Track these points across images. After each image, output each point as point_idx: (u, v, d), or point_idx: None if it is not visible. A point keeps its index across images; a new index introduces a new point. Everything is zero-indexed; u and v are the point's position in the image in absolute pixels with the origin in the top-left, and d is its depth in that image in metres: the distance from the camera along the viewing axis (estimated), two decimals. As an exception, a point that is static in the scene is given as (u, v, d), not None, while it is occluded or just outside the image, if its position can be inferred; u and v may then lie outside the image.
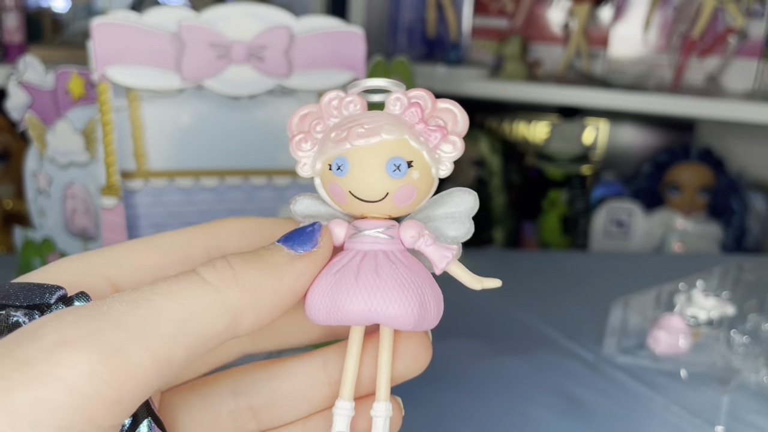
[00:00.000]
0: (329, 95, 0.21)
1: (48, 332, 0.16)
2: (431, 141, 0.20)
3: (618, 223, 0.97)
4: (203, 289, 0.17)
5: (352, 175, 0.20)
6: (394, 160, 0.20)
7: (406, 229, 0.21)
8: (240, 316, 0.18)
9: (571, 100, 0.90)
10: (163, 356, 0.16)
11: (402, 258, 0.21)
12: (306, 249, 0.19)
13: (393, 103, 0.20)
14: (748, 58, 0.89)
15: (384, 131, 0.19)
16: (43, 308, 0.18)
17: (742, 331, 0.51)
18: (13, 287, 0.19)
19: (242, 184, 0.54)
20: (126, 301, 0.17)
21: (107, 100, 0.47)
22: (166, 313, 0.17)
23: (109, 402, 0.16)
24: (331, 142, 0.20)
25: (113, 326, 0.16)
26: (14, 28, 0.82)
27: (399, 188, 0.20)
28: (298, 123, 0.21)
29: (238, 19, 0.48)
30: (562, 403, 0.47)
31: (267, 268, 0.19)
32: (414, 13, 1.02)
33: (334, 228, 0.21)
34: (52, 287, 0.19)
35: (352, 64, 0.52)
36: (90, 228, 0.56)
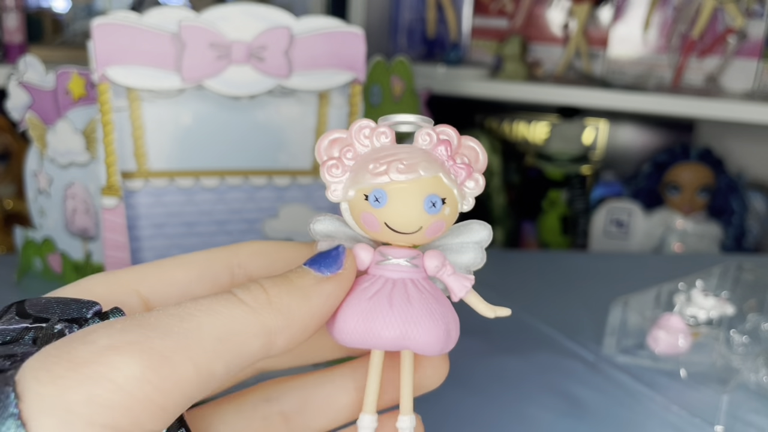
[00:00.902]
0: (360, 123, 0.22)
1: (99, 337, 0.16)
2: (458, 178, 0.22)
3: (618, 223, 0.97)
4: (241, 309, 0.18)
5: (389, 207, 0.21)
6: (431, 197, 0.21)
7: (431, 259, 0.22)
8: (274, 336, 0.19)
9: (571, 100, 0.90)
10: (205, 369, 0.17)
11: (428, 287, 0.22)
12: (332, 271, 0.20)
13: (423, 137, 0.21)
14: (748, 58, 0.89)
15: (422, 168, 0.20)
16: (80, 322, 0.19)
17: (741, 331, 0.51)
18: (49, 302, 0.19)
19: (242, 184, 0.54)
20: (170, 315, 0.17)
21: (107, 101, 0.47)
22: (208, 329, 0.17)
23: (156, 407, 0.16)
24: (369, 174, 0.21)
25: (160, 335, 0.17)
26: (15, 28, 0.82)
27: (432, 223, 0.21)
28: (328, 147, 0.22)
29: (238, 19, 0.48)
30: (562, 403, 0.47)
31: (297, 291, 0.19)
32: (414, 14, 1.02)
33: (360, 252, 0.22)
34: (88, 302, 0.20)
35: (352, 64, 0.52)
36: (90, 228, 0.57)
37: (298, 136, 0.54)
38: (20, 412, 0.15)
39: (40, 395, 0.15)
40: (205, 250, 0.23)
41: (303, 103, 0.53)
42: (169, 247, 0.53)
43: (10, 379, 0.15)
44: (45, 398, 0.15)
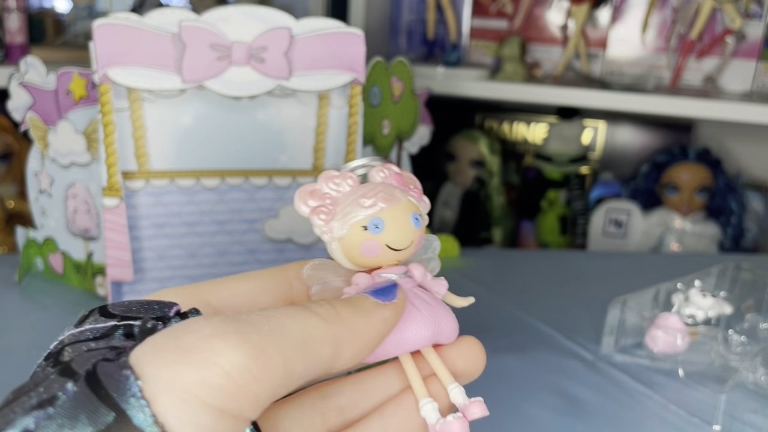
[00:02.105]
0: (326, 175, 0.25)
1: (203, 327, 0.18)
2: (416, 199, 0.25)
3: (616, 223, 0.97)
4: (316, 319, 0.20)
5: (388, 230, 0.24)
6: (414, 214, 0.25)
7: (416, 269, 0.26)
8: (341, 348, 0.21)
9: (570, 101, 0.90)
10: (289, 366, 0.19)
11: (424, 292, 0.26)
12: (388, 300, 0.23)
13: (379, 174, 0.25)
14: (746, 58, 0.89)
15: (398, 194, 0.25)
16: (165, 320, 0.20)
17: (739, 331, 0.51)
18: (132, 303, 0.21)
19: (243, 184, 0.54)
20: (259, 314, 0.19)
21: (108, 101, 0.47)
22: (291, 331, 0.19)
23: (252, 395, 0.17)
24: (362, 208, 0.24)
25: (255, 329, 0.18)
26: (16, 29, 0.82)
27: (418, 236, 0.25)
28: (305, 201, 0.25)
29: (238, 20, 0.48)
30: (560, 402, 0.47)
31: (361, 311, 0.22)
32: (414, 15, 1.02)
33: (360, 277, 0.25)
34: (169, 303, 0.21)
35: (351, 65, 0.52)
36: (91, 228, 0.57)
37: (299, 136, 0.54)
38: (142, 391, 0.16)
39: (159, 377, 0.17)
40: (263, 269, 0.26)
41: (303, 104, 0.54)
42: (169, 247, 0.53)
43: (124, 364, 0.17)
44: (163, 380, 0.17)
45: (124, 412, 0.16)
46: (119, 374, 0.17)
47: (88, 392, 0.16)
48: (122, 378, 0.17)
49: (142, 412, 0.16)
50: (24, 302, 0.58)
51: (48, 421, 0.16)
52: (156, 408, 0.16)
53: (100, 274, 0.58)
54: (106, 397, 0.16)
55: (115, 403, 0.16)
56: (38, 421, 0.16)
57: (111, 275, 0.51)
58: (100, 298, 0.58)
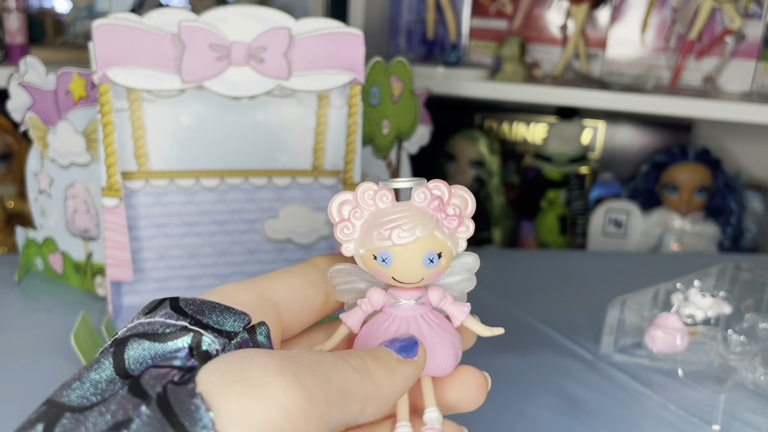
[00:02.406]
0: (363, 187, 0.25)
1: (267, 362, 0.18)
2: (451, 227, 0.25)
3: (616, 223, 0.97)
4: (352, 372, 0.21)
5: (395, 266, 0.24)
6: (429, 255, 0.24)
7: (433, 293, 0.26)
8: (366, 404, 0.21)
9: (570, 101, 0.90)
10: (330, 415, 0.19)
11: (435, 318, 0.26)
12: (410, 357, 0.23)
13: (419, 195, 0.25)
14: (746, 59, 0.89)
15: (418, 230, 0.24)
16: (232, 336, 0.21)
17: (738, 331, 0.51)
18: (205, 305, 0.22)
19: (242, 184, 0.54)
20: (308, 358, 0.20)
21: (108, 101, 0.47)
22: (334, 380, 0.20)
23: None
24: (376, 239, 0.24)
25: (308, 373, 0.19)
26: (16, 29, 0.82)
27: (431, 274, 0.25)
28: (338, 211, 0.25)
29: (238, 20, 0.48)
30: (560, 402, 0.47)
31: (386, 368, 0.22)
32: (413, 15, 1.02)
33: (374, 294, 0.26)
34: (240, 314, 0.22)
35: (351, 65, 0.52)
36: (91, 228, 0.57)
37: (298, 136, 0.54)
38: (213, 423, 0.17)
39: (228, 410, 0.17)
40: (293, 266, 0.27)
41: (302, 104, 0.54)
42: (169, 247, 0.53)
43: (193, 391, 0.17)
44: (233, 414, 0.17)
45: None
46: (189, 402, 0.17)
47: (161, 418, 0.17)
48: (193, 407, 0.17)
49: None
50: (24, 302, 0.58)
51: None
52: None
53: (99, 274, 0.58)
54: (179, 425, 0.17)
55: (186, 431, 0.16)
56: None
57: (111, 275, 0.51)
58: (99, 299, 0.58)
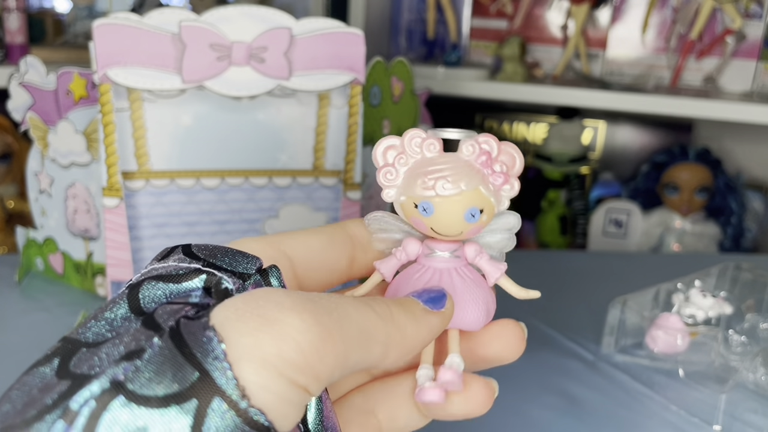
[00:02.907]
0: (412, 133, 0.25)
1: (284, 299, 0.18)
2: (496, 184, 0.24)
3: (616, 223, 0.97)
4: (374, 315, 0.21)
5: (435, 217, 0.24)
6: (471, 210, 0.24)
7: (470, 248, 0.26)
8: (390, 348, 0.21)
9: (570, 101, 0.90)
10: (348, 354, 0.19)
11: (469, 273, 0.26)
12: (437, 308, 0.23)
13: (467, 148, 0.24)
14: (746, 59, 0.89)
15: (463, 183, 0.24)
16: (245, 277, 0.21)
17: (739, 331, 0.51)
18: (218, 249, 0.22)
19: (243, 184, 0.54)
20: (327, 299, 0.20)
21: (108, 101, 0.47)
22: (354, 321, 0.20)
23: (316, 373, 0.18)
24: (419, 188, 0.24)
25: (326, 312, 0.19)
26: (16, 29, 0.82)
27: (471, 229, 0.25)
28: (383, 155, 0.25)
29: (238, 20, 0.48)
30: (561, 402, 0.47)
31: (411, 315, 0.22)
32: (413, 15, 1.02)
33: (410, 244, 0.26)
34: (252, 257, 0.22)
35: (351, 65, 0.52)
36: (91, 228, 0.57)
37: (298, 136, 0.54)
38: (225, 354, 0.17)
39: (241, 343, 0.17)
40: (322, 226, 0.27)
41: (303, 104, 0.54)
42: (169, 247, 0.53)
43: (206, 324, 0.17)
44: (245, 346, 0.17)
45: (208, 373, 0.16)
46: (202, 334, 0.17)
47: (174, 349, 0.17)
48: (206, 339, 0.17)
49: (224, 374, 0.17)
50: (24, 302, 0.58)
51: (136, 373, 0.16)
52: (237, 372, 0.17)
53: (100, 274, 0.58)
54: (191, 356, 0.17)
55: (199, 362, 0.17)
56: (126, 372, 0.16)
57: (111, 275, 0.51)
58: (100, 298, 0.58)
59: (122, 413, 0.16)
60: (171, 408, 0.16)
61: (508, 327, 0.26)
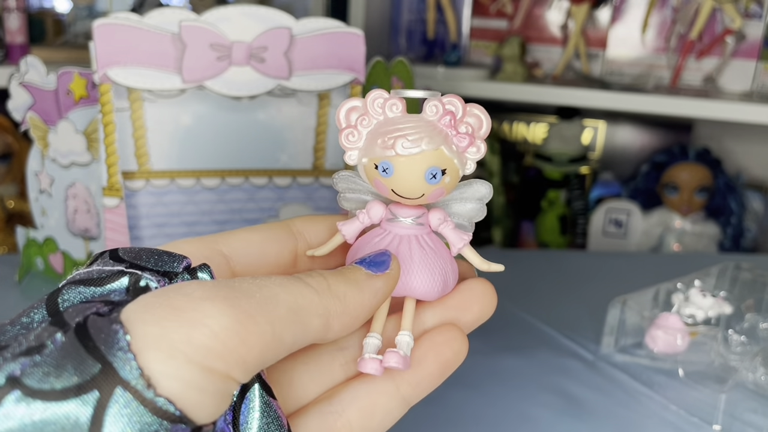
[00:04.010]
0: (374, 93, 0.24)
1: (194, 290, 0.18)
2: (460, 146, 0.24)
3: (616, 223, 0.97)
4: (307, 290, 0.20)
5: (395, 177, 0.23)
6: (432, 170, 0.23)
7: (434, 214, 0.25)
8: (332, 319, 0.21)
9: (570, 101, 0.90)
10: (278, 334, 0.19)
11: (429, 242, 0.25)
12: (381, 271, 0.23)
13: (430, 108, 0.23)
14: (746, 59, 0.89)
15: (424, 142, 0.23)
16: (171, 276, 0.21)
17: (739, 331, 0.51)
18: (143, 251, 0.21)
19: (243, 184, 0.54)
20: (251, 282, 0.19)
21: (109, 101, 0.47)
22: (282, 299, 0.19)
23: (239, 358, 0.18)
24: (379, 147, 0.23)
25: (245, 296, 0.19)
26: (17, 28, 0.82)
27: (433, 191, 0.24)
28: (345, 116, 0.24)
29: (238, 20, 0.48)
30: (560, 402, 0.47)
31: (352, 283, 0.22)
32: (413, 15, 1.02)
33: (373, 207, 0.25)
34: (179, 256, 0.22)
35: (352, 65, 0.52)
36: (92, 228, 0.57)
37: (299, 136, 0.54)
38: (129, 345, 0.17)
39: (146, 333, 0.17)
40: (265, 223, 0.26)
41: (303, 104, 0.54)
42: (170, 247, 0.53)
43: (115, 319, 0.17)
44: (151, 336, 0.17)
45: (110, 364, 0.16)
46: (109, 328, 0.17)
47: (77, 343, 0.17)
48: (111, 332, 0.17)
49: (128, 364, 0.16)
50: (24, 302, 0.58)
51: (34, 368, 0.16)
52: (142, 362, 0.16)
53: (100, 273, 0.58)
54: (94, 349, 0.17)
55: (102, 355, 0.16)
56: (24, 367, 0.16)
57: (111, 275, 0.51)
58: (100, 298, 0.58)
59: (17, 408, 0.15)
60: (70, 401, 0.16)
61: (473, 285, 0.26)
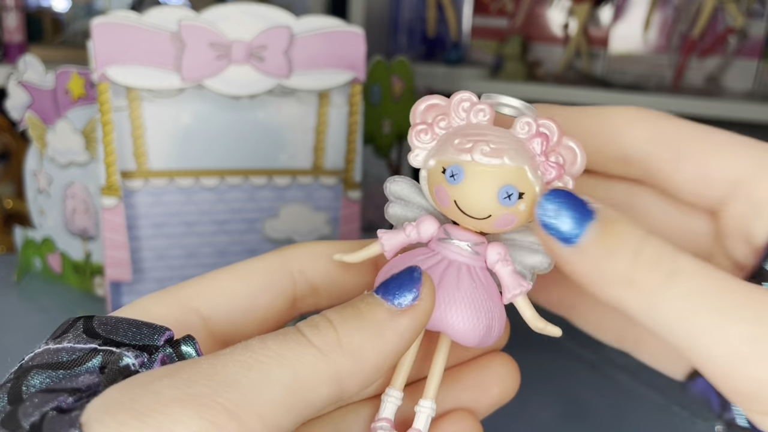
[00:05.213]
0: (461, 95, 0.21)
1: (165, 387, 0.16)
2: (546, 176, 0.20)
3: (618, 223, 0.97)
4: (311, 354, 0.17)
5: (463, 187, 0.20)
6: (508, 188, 0.19)
7: (493, 249, 0.21)
8: (344, 382, 0.17)
9: (571, 100, 0.90)
10: (272, 423, 0.16)
11: (482, 277, 0.21)
12: (407, 302, 0.18)
13: (522, 126, 0.20)
14: (748, 58, 0.89)
15: (507, 156, 0.19)
16: (151, 350, 0.18)
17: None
18: (119, 322, 0.19)
19: (242, 184, 0.54)
20: (238, 362, 0.16)
21: (107, 100, 0.47)
22: (277, 379, 0.16)
23: None
24: (453, 148, 0.20)
25: (227, 387, 0.16)
26: (14, 27, 0.82)
27: (503, 215, 0.20)
28: (423, 112, 0.21)
29: (238, 18, 0.48)
30: (561, 402, 0.47)
31: (369, 328, 0.18)
32: (414, 13, 1.02)
33: (425, 222, 0.21)
34: (160, 328, 0.19)
35: (352, 64, 0.52)
36: (90, 228, 0.57)
37: (298, 135, 0.54)
38: None
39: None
40: (260, 256, 0.22)
41: (303, 103, 0.53)
42: (169, 247, 0.53)
43: (75, 420, 0.15)
44: None
45: None
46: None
47: None
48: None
49: None
50: (22, 302, 0.58)
51: None
52: None
53: (98, 274, 0.57)
54: None
55: None
56: None
57: (110, 275, 0.51)
58: (98, 299, 0.58)
59: None
60: None
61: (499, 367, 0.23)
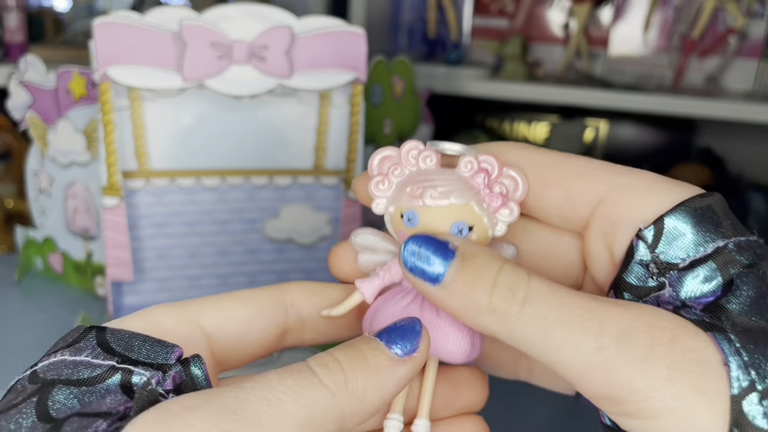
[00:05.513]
0: (409, 145, 0.24)
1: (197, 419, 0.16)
2: (492, 206, 0.23)
3: (618, 223, 0.97)
4: (323, 394, 0.18)
5: (419, 228, 0.23)
6: (458, 224, 0.22)
7: None
8: (347, 420, 0.19)
9: (572, 100, 0.90)
10: None
11: None
12: (407, 353, 0.20)
13: (465, 165, 0.23)
14: (748, 58, 0.89)
15: (453, 196, 0.22)
16: (165, 369, 0.19)
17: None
18: (135, 338, 0.20)
19: (243, 184, 0.54)
20: (260, 397, 0.18)
21: (108, 100, 0.47)
22: (293, 416, 0.17)
23: None
24: (407, 196, 0.23)
25: (251, 422, 0.17)
26: (16, 27, 0.82)
27: None
28: (378, 165, 0.24)
29: (239, 18, 0.48)
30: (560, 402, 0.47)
31: (372, 374, 0.19)
32: (414, 14, 1.02)
33: (395, 263, 0.24)
34: (171, 346, 0.20)
35: (353, 64, 0.52)
36: (91, 227, 0.57)
37: (299, 135, 0.54)
38: None
39: None
40: (259, 288, 0.24)
41: (304, 103, 0.53)
42: (169, 247, 0.53)
43: None
44: None
45: None
46: None
47: None
48: None
49: None
50: (23, 302, 0.58)
51: None
52: None
53: (99, 273, 0.57)
54: None
55: None
56: None
57: (111, 275, 0.51)
58: (99, 298, 0.58)
59: None
60: None
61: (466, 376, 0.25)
